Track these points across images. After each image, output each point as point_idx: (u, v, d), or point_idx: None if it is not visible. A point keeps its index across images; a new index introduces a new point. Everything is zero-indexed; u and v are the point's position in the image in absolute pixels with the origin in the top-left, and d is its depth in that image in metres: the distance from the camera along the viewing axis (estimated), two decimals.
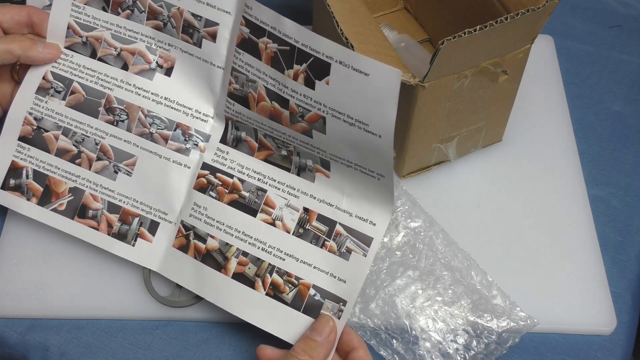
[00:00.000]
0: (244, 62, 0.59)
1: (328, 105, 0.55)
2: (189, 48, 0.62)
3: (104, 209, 0.63)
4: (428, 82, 0.60)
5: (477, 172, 0.73)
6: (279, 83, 0.57)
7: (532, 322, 0.62)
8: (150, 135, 0.64)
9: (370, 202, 0.59)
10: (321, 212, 0.60)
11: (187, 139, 0.63)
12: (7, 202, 0.65)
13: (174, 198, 0.63)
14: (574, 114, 0.78)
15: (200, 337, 0.63)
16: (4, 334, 0.63)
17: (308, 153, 0.60)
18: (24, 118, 0.65)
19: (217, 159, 0.62)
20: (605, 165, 0.75)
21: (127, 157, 0.64)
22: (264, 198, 0.61)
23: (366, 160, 0.57)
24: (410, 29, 0.81)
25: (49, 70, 0.65)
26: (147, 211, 0.63)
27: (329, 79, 0.54)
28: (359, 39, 0.59)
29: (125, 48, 0.64)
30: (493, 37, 0.59)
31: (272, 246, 0.60)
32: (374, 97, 0.52)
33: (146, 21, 0.63)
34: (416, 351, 0.61)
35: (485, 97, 0.66)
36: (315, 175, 0.60)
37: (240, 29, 0.58)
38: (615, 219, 0.71)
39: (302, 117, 0.57)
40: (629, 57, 0.83)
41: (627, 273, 0.68)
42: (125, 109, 0.64)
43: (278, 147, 0.61)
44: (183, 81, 0.63)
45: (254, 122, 0.61)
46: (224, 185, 0.62)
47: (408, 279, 0.64)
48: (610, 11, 0.87)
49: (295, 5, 0.82)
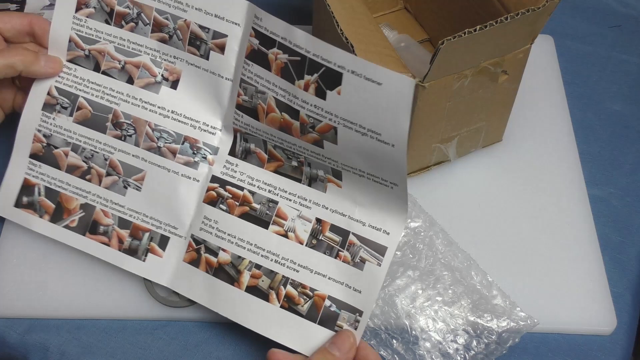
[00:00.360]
0: (253, 74, 0.58)
1: (339, 116, 0.55)
2: (195, 60, 0.62)
3: (115, 224, 0.63)
4: (428, 82, 0.60)
5: (477, 172, 0.73)
6: (289, 94, 0.56)
7: (532, 322, 0.62)
8: (158, 150, 0.63)
9: (383, 211, 0.58)
10: (334, 222, 0.60)
11: (196, 152, 0.62)
12: (21, 219, 0.65)
13: (184, 212, 0.62)
14: (574, 114, 0.78)
15: (200, 337, 0.63)
16: (4, 334, 0.63)
17: (319, 163, 0.59)
18: (33, 135, 0.65)
19: (226, 172, 0.62)
20: (605, 165, 0.75)
21: (136, 171, 0.63)
22: (276, 210, 0.60)
23: (379, 169, 0.56)
24: (410, 29, 0.81)
25: (53, 86, 0.64)
26: (157, 226, 0.63)
27: (340, 88, 0.53)
28: (359, 39, 0.59)
29: (130, 61, 0.63)
30: (493, 37, 0.59)
31: (285, 258, 0.60)
32: (387, 106, 0.52)
33: (151, 34, 0.62)
34: (416, 351, 0.61)
35: (485, 97, 0.66)
36: (327, 185, 0.60)
37: (250, 40, 0.58)
38: (615, 219, 0.71)
39: (312, 128, 0.57)
40: (629, 57, 0.83)
41: (627, 273, 0.68)
42: (132, 123, 0.63)
43: (288, 158, 0.60)
44: (190, 94, 0.63)
45: (263, 134, 0.60)
46: (234, 197, 0.61)
47: (408, 279, 0.64)
48: (610, 11, 0.87)
49: (295, 5, 0.83)
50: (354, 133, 0.55)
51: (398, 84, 0.51)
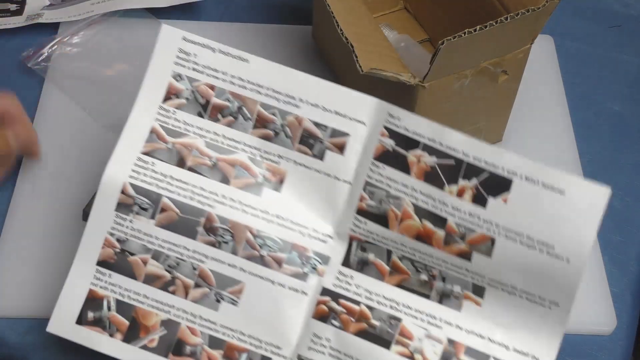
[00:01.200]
0: (385, 177, 0.54)
1: (502, 225, 0.51)
2: (305, 160, 0.56)
3: (205, 344, 0.55)
4: (428, 82, 0.60)
5: None
6: (434, 200, 0.52)
7: None
8: (261, 259, 0.55)
9: (532, 334, 0.52)
10: (470, 344, 0.53)
11: (304, 262, 0.55)
12: (85, 339, 0.56)
13: (289, 329, 0.55)
14: (574, 114, 0.78)
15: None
16: (4, 334, 0.63)
17: (458, 278, 0.53)
18: (104, 239, 0.56)
19: (339, 284, 0.55)
20: (605, 165, 0.75)
21: (232, 283, 0.55)
22: (399, 328, 0.54)
23: (539, 287, 0.51)
24: (410, 29, 0.81)
25: (128, 182, 0.56)
26: (256, 345, 0.55)
27: (507, 196, 0.50)
28: (359, 39, 0.59)
29: (223, 158, 0.56)
30: (493, 37, 0.59)
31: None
32: (569, 216, 0.49)
33: (252, 129, 0.56)
34: None
35: (485, 97, 0.66)
36: (463, 302, 0.53)
37: (381, 140, 0.54)
38: (615, 219, 0.71)
39: (462, 238, 0.52)
40: (629, 57, 0.83)
41: (627, 273, 0.68)
42: (229, 229, 0.56)
43: (417, 271, 0.54)
44: (297, 197, 0.56)
45: (390, 243, 0.54)
46: (349, 312, 0.54)
47: None
48: (610, 11, 0.87)
49: (295, 5, 0.83)
50: (517, 246, 0.51)
51: (588, 193, 0.48)
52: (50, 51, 0.77)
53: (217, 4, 0.83)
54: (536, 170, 0.50)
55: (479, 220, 0.52)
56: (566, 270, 0.50)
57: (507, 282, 0.52)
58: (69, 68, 0.76)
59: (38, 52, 0.77)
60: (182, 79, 0.57)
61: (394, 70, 0.59)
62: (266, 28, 0.81)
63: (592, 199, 0.49)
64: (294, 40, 0.80)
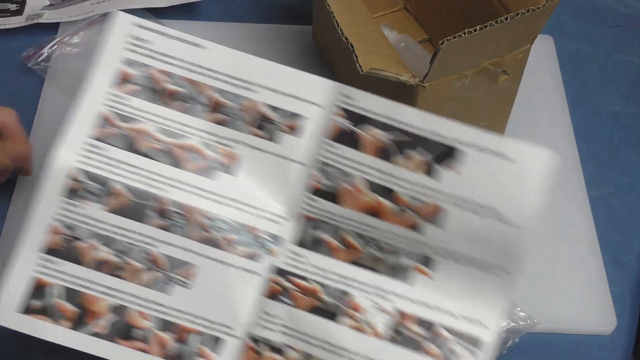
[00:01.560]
0: (339, 156, 0.54)
1: (453, 195, 0.51)
2: (260, 143, 0.56)
3: (155, 327, 0.54)
4: (428, 82, 0.60)
5: None
6: (385, 174, 0.53)
7: (532, 322, 0.62)
8: (213, 241, 0.55)
9: (480, 301, 0.53)
10: (419, 314, 0.53)
11: (257, 243, 0.56)
12: (30, 328, 0.54)
13: (240, 309, 0.55)
14: (574, 114, 0.78)
15: None
16: (4, 334, 0.63)
17: (409, 251, 0.54)
18: (48, 227, 0.55)
19: (291, 263, 0.55)
20: (605, 165, 0.75)
21: (184, 266, 0.55)
22: (349, 302, 0.54)
23: (490, 255, 0.52)
24: (410, 29, 0.81)
25: (75, 167, 0.55)
26: (208, 326, 0.54)
27: (458, 166, 0.51)
28: (359, 39, 0.59)
29: (176, 143, 0.56)
30: (493, 37, 0.59)
31: (362, 355, 0.53)
32: (519, 183, 0.49)
33: (207, 115, 0.56)
34: None
35: (485, 97, 0.66)
36: (414, 275, 0.54)
37: (335, 120, 0.54)
38: (615, 219, 0.71)
39: (413, 210, 0.53)
40: (629, 57, 0.83)
41: (627, 273, 0.68)
42: (182, 212, 0.55)
43: (367, 246, 0.55)
44: (252, 180, 0.56)
45: (342, 220, 0.55)
46: (300, 290, 0.54)
47: None
48: (610, 11, 0.87)
49: (295, 5, 0.83)
50: (468, 214, 0.51)
51: (537, 159, 0.48)
52: (50, 51, 0.77)
53: (217, 4, 0.83)
54: (486, 139, 0.50)
55: (431, 192, 0.52)
56: (516, 237, 0.51)
57: (459, 252, 0.53)
58: (69, 68, 0.76)
59: (38, 52, 0.77)
60: (136, 65, 0.57)
61: (394, 70, 0.59)
62: (266, 28, 0.81)
63: (542, 166, 0.49)
64: (294, 40, 0.80)
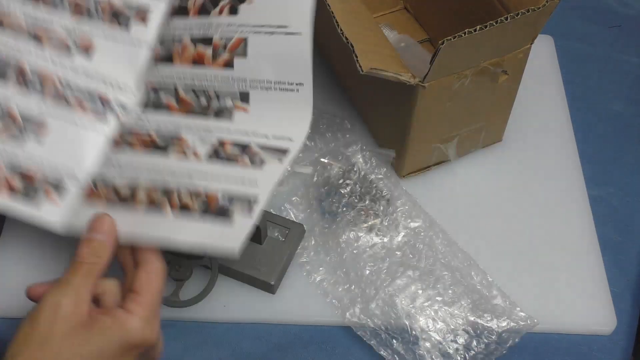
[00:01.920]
0: (172, 27, 0.61)
1: (250, 24, 0.58)
2: (113, 32, 0.63)
3: (6, 169, 0.59)
4: (428, 82, 0.60)
5: (477, 172, 0.73)
6: (204, 27, 0.60)
7: (532, 322, 0.62)
8: (67, 103, 0.61)
9: (288, 120, 0.59)
10: (236, 139, 0.59)
11: (106, 108, 0.62)
12: None
13: (87, 162, 0.60)
14: (574, 114, 0.78)
15: (200, 337, 0.63)
16: (4, 334, 0.63)
17: (227, 92, 0.60)
18: None
19: (135, 123, 0.62)
20: (605, 165, 0.75)
21: (38, 123, 0.60)
22: (177, 140, 0.60)
23: (286, 71, 0.58)
24: (410, 29, 0.81)
25: None
26: (55, 176, 0.59)
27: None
28: (359, 39, 0.59)
29: (39, 27, 0.62)
30: (493, 37, 0.59)
31: (182, 173, 0.58)
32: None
33: (69, 14, 0.63)
34: (416, 351, 0.61)
35: (485, 97, 0.66)
36: (234, 112, 0.60)
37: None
38: (615, 219, 0.71)
39: (224, 49, 0.59)
40: (629, 57, 0.83)
41: (627, 273, 0.68)
42: (39, 77, 0.61)
43: (197, 98, 0.61)
44: (106, 63, 0.63)
45: (175, 78, 0.62)
46: (139, 139, 0.61)
47: (408, 279, 0.64)
48: (610, 11, 0.87)
49: None
50: (263, 36, 0.57)
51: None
52: None
53: None
54: None
55: (235, 27, 0.59)
56: (301, 46, 0.56)
57: (263, 77, 0.59)
58: None
59: None
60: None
61: (394, 70, 0.59)
62: None
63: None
64: None
